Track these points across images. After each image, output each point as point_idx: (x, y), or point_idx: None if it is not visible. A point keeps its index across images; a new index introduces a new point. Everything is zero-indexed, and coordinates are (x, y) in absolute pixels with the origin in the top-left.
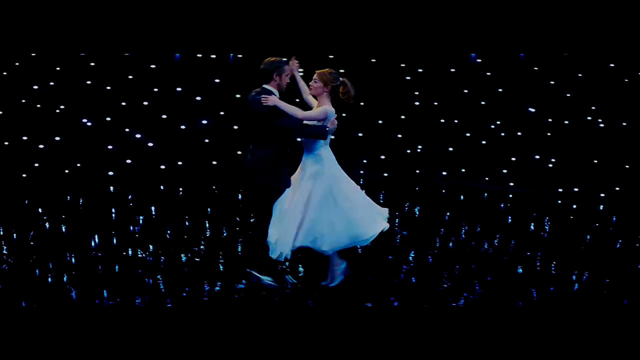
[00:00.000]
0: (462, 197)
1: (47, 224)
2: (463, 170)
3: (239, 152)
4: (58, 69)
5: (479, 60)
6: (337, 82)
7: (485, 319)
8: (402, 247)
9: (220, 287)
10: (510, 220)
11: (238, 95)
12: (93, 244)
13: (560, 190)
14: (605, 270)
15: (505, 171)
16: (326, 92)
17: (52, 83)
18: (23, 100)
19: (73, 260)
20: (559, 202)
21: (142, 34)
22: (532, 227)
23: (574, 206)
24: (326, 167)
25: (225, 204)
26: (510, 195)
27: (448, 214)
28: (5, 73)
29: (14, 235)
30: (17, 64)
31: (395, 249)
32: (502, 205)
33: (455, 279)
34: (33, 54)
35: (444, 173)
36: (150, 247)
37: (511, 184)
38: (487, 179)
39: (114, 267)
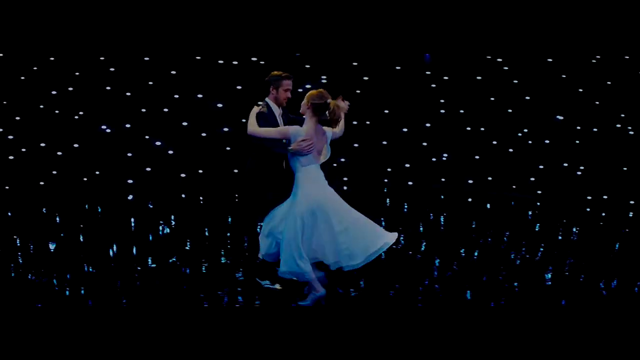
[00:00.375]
0: (488, 205)
1: (64, 234)
2: (490, 178)
3: None
4: (77, 73)
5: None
6: (319, 101)
7: (512, 325)
8: (425, 255)
9: (240, 295)
10: (537, 228)
11: (260, 103)
12: (111, 253)
13: (589, 197)
14: (635, 277)
15: (532, 179)
16: (308, 110)
17: (70, 88)
18: (41, 106)
19: (91, 269)
20: (588, 209)
21: (162, 39)
22: (560, 235)
23: (603, 214)
24: (301, 190)
25: (246, 212)
26: (538, 203)
27: (474, 222)
28: (23, 77)
29: (31, 245)
30: (35, 68)
31: (419, 257)
32: (529, 213)
33: (480, 286)
34: (52, 58)
35: (470, 181)
36: (172, 258)
37: (539, 191)
38: (514, 187)
39: (132, 277)
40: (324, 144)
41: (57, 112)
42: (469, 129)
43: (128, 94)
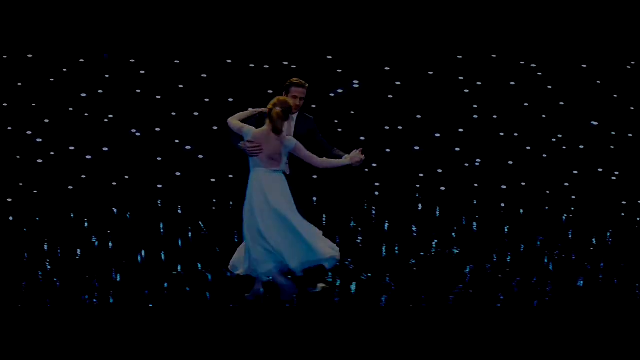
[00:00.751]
0: (521, 210)
1: (94, 239)
2: (523, 183)
3: None
4: (107, 76)
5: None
6: (270, 107)
7: (544, 329)
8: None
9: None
10: (571, 233)
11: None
12: (140, 259)
13: (624, 202)
14: None
15: (567, 184)
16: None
17: (100, 91)
18: (70, 109)
19: (119, 277)
20: (622, 214)
21: (193, 42)
22: (594, 239)
23: (639, 218)
24: (250, 189)
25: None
26: (572, 208)
27: (507, 227)
28: (52, 79)
29: (59, 250)
30: (64, 70)
31: (451, 264)
32: (563, 218)
33: (513, 292)
34: (81, 60)
35: (504, 187)
36: (199, 263)
37: (572, 197)
38: (547, 192)
39: (162, 284)
40: (278, 152)
41: (86, 115)
42: (502, 134)
43: (158, 97)
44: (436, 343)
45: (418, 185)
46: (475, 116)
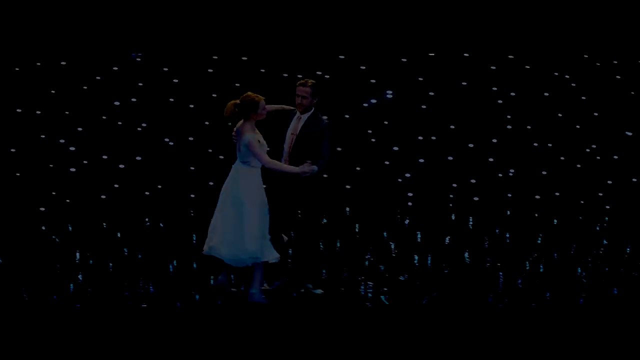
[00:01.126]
0: (555, 221)
1: (125, 250)
2: (557, 194)
3: (325, 175)
4: (140, 84)
5: None
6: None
7: (579, 338)
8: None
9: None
10: (605, 243)
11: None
12: (171, 268)
13: None
14: None
15: (600, 194)
16: None
17: (134, 99)
18: (104, 117)
19: (151, 288)
20: None
21: (226, 51)
22: (628, 249)
23: None
24: (227, 180)
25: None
26: (607, 218)
27: (540, 237)
28: (85, 87)
29: (91, 261)
30: (98, 77)
31: (484, 274)
32: (597, 227)
33: (545, 302)
34: (115, 68)
35: (537, 197)
36: (232, 276)
37: (607, 206)
38: (582, 202)
39: (193, 295)
40: (239, 145)
41: (119, 123)
42: (536, 144)
43: (191, 106)
44: (470, 351)
45: (451, 196)
46: (509, 126)
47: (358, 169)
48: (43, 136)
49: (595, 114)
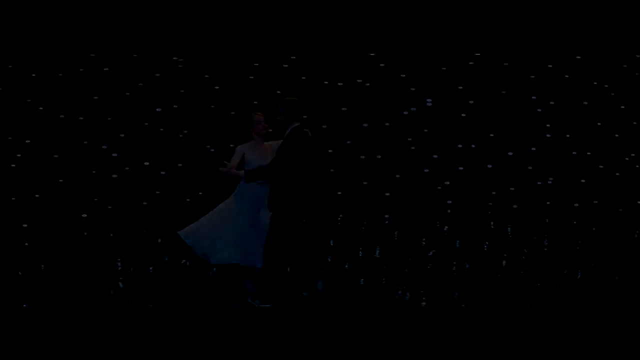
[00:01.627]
0: (594, 228)
1: (166, 256)
2: (595, 202)
3: (365, 182)
4: (182, 91)
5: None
6: None
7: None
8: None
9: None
10: None
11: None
12: (211, 273)
13: None
14: None
15: (639, 202)
16: None
17: (175, 106)
18: (146, 123)
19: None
20: None
21: (267, 57)
22: None
23: None
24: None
25: (348, 235)
26: None
27: (579, 245)
28: (128, 93)
29: (131, 268)
30: (140, 84)
31: (522, 281)
32: (636, 235)
33: (582, 308)
34: (157, 74)
35: (576, 205)
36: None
37: None
38: (620, 210)
39: (232, 302)
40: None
41: (161, 130)
42: (574, 153)
43: (232, 112)
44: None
45: (490, 204)
46: (548, 135)
47: (398, 176)
48: (86, 142)
49: (635, 123)
